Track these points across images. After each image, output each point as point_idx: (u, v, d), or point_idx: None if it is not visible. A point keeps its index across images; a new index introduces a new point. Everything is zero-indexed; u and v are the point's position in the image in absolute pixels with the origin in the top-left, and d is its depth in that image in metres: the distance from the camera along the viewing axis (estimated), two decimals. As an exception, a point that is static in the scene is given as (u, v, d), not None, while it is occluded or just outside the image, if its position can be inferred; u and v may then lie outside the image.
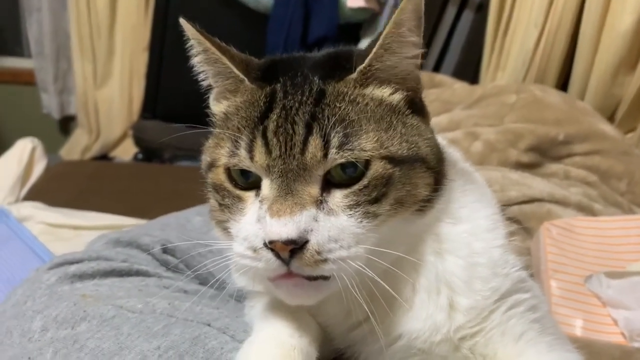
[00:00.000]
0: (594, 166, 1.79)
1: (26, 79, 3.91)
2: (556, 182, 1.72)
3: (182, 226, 1.16)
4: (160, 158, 3.23)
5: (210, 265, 0.90)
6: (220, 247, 0.71)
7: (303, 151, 0.62)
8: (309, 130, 0.62)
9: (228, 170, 0.67)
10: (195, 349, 0.73)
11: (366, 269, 0.62)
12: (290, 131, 0.63)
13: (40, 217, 1.88)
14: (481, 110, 1.95)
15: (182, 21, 0.70)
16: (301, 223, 0.60)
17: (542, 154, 1.79)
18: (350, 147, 0.62)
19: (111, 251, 1.02)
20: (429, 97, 2.05)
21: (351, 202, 0.63)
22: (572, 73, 2.36)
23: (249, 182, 0.66)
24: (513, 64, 2.46)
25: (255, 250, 0.61)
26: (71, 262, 0.97)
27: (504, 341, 0.70)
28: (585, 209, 1.56)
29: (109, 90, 3.65)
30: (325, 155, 0.62)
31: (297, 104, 0.64)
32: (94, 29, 3.51)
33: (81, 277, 0.94)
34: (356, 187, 0.63)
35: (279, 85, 0.67)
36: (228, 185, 0.67)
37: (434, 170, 0.70)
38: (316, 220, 0.61)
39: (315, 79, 0.67)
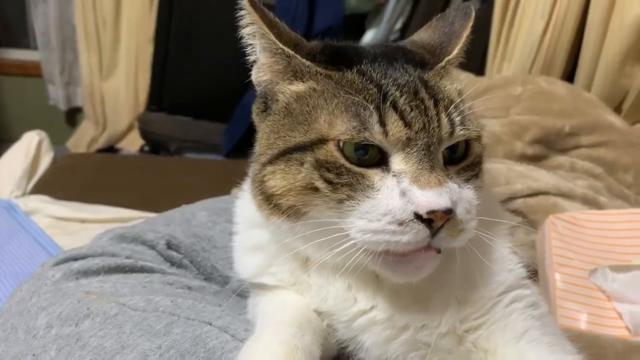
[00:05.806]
0: (600, 158, 1.77)
1: (33, 71, 3.93)
2: (562, 175, 1.70)
3: (188, 221, 1.16)
4: (167, 150, 3.24)
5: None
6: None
7: (439, 126, 0.64)
8: (436, 108, 0.65)
9: (340, 147, 0.64)
10: (196, 349, 0.73)
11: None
12: (422, 107, 0.64)
13: (47, 210, 1.89)
14: (487, 102, 1.94)
15: None
16: (450, 193, 0.62)
17: (548, 146, 1.78)
18: (466, 127, 0.66)
19: (116, 247, 1.02)
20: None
21: (464, 178, 0.67)
22: (578, 64, 2.32)
23: (364, 158, 0.64)
24: (519, 55, 2.43)
25: (402, 223, 0.61)
26: (76, 258, 0.98)
27: (505, 337, 0.70)
28: (590, 202, 1.55)
29: (114, 82, 3.67)
30: (452, 132, 0.65)
31: (412, 84, 0.66)
32: (99, 20, 3.52)
33: (86, 273, 0.94)
34: (463, 164, 0.68)
35: (364, 66, 0.68)
36: (345, 162, 0.63)
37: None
38: (456, 192, 0.64)
39: (408, 65, 0.69)
